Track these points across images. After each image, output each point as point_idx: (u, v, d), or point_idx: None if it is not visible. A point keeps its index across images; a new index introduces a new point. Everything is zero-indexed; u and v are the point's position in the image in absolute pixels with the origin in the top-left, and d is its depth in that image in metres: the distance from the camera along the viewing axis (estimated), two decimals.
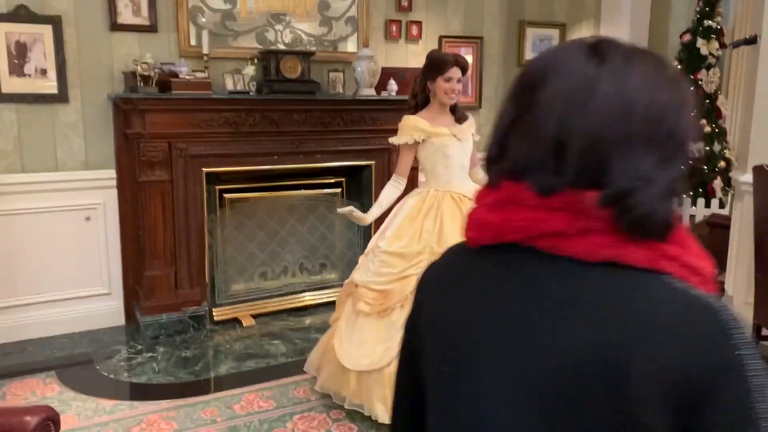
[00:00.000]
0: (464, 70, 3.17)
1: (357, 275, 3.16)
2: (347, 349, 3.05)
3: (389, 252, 3.07)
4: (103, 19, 3.96)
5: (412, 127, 3.15)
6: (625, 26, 6.12)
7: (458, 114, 3.28)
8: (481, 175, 3.45)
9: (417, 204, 3.16)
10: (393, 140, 3.24)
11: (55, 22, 3.82)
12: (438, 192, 3.16)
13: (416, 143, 3.16)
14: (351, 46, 4.73)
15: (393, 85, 4.59)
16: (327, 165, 4.53)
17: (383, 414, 2.91)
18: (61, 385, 3.43)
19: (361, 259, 3.33)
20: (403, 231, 3.10)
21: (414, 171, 3.44)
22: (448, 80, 3.11)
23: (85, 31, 3.92)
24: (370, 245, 3.33)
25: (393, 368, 2.83)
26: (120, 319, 4.25)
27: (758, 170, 3.68)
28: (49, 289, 4.03)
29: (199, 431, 2.99)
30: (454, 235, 2.98)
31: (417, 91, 3.26)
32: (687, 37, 5.76)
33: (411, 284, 2.96)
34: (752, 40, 4.01)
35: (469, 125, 3.27)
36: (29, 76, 3.82)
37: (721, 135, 5.79)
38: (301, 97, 4.27)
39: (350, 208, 3.17)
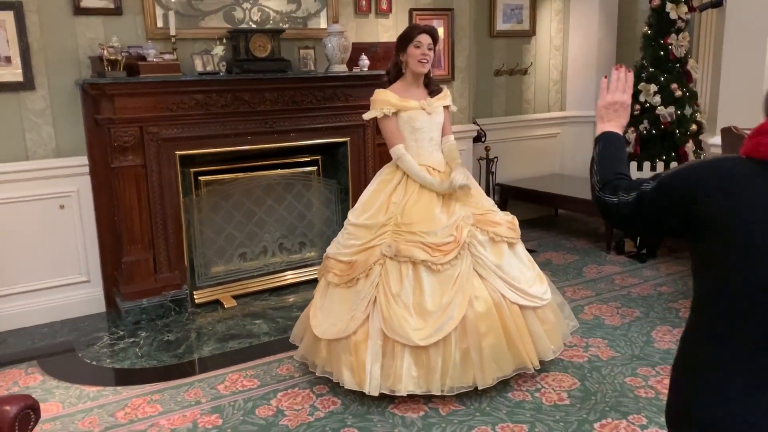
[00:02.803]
0: (434, 38, 3.20)
1: (330, 247, 3.23)
2: (320, 320, 3.13)
3: (356, 224, 3.15)
4: (65, 3, 3.89)
5: (381, 101, 3.19)
6: None
7: (431, 87, 3.30)
8: (452, 143, 3.40)
9: (387, 177, 3.23)
10: (365, 116, 3.29)
11: (16, 7, 3.75)
12: None
13: (385, 116, 3.18)
14: (321, 22, 4.69)
15: (365, 61, 4.56)
16: (302, 143, 4.52)
17: (350, 380, 2.97)
18: (43, 374, 3.43)
19: (340, 232, 3.38)
20: (371, 203, 3.17)
21: (384, 147, 3.44)
22: (418, 46, 3.16)
23: (47, 16, 3.85)
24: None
25: (358, 336, 2.93)
26: (101, 306, 4.24)
27: (726, 132, 3.75)
28: (26, 280, 4.01)
29: (184, 413, 3.02)
30: (418, 206, 3.03)
31: (390, 67, 3.30)
32: (656, 2, 5.75)
33: (374, 255, 3.02)
34: (718, 3, 4.05)
35: (441, 98, 3.30)
36: None
37: (692, 98, 5.83)
38: (272, 75, 4.24)
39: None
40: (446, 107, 3.35)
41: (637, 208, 1.38)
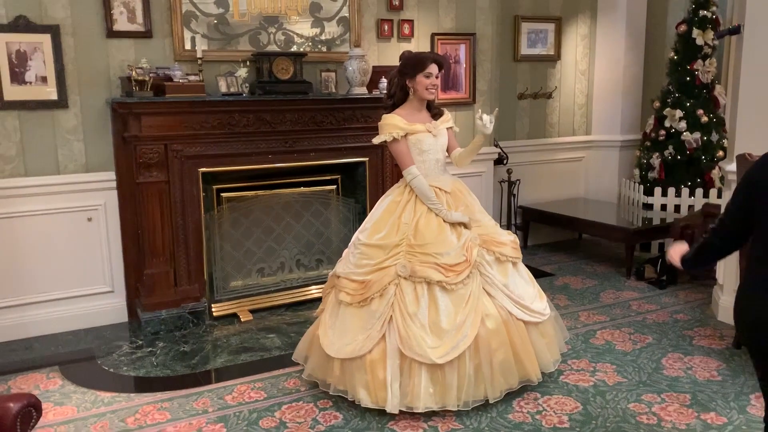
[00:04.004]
0: (441, 66, 3.29)
1: (339, 267, 3.31)
2: (331, 339, 3.19)
3: (368, 244, 3.22)
4: (99, 27, 4.10)
5: (390, 125, 3.29)
6: (622, 18, 6.17)
7: (434, 111, 3.39)
8: (459, 152, 3.50)
9: (396, 198, 3.32)
10: (375, 140, 3.39)
11: (54, 31, 3.98)
12: None
13: (395, 140, 3.27)
14: (343, 46, 4.82)
15: (384, 83, 4.66)
16: (321, 163, 4.64)
17: (366, 398, 3.05)
18: (63, 379, 3.58)
19: (345, 251, 3.45)
20: (382, 224, 3.25)
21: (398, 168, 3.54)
22: (428, 76, 3.26)
23: (82, 38, 4.07)
24: (353, 238, 3.44)
25: (374, 355, 2.99)
26: (123, 316, 4.40)
27: (741, 159, 3.72)
28: (54, 288, 4.20)
29: (191, 421, 3.12)
30: (430, 227, 3.11)
31: (395, 90, 3.38)
32: (682, 28, 5.77)
33: (389, 275, 3.09)
34: (735, 30, 4.04)
35: (444, 121, 3.40)
36: (30, 83, 3.98)
37: (719, 125, 5.78)
38: (293, 97, 4.38)
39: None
40: (449, 128, 3.45)
41: (722, 231, 2.12)
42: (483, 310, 3.08)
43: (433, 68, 3.27)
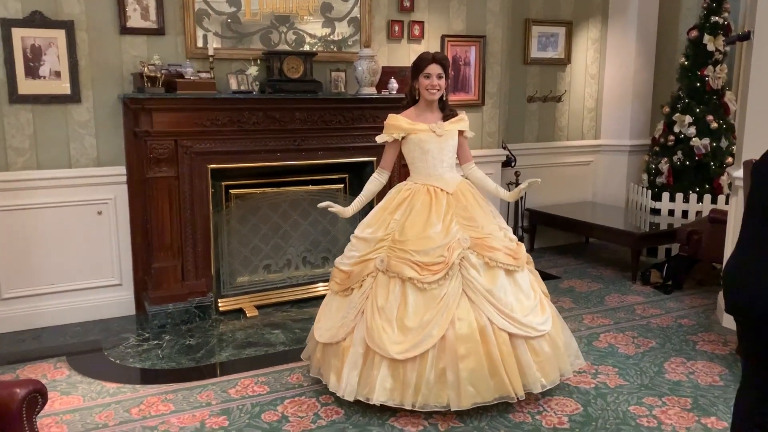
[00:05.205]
0: (444, 65, 3.30)
1: (337, 258, 3.44)
2: (320, 324, 3.33)
3: (358, 237, 3.33)
4: (113, 23, 4.16)
5: (392, 126, 3.35)
6: (633, 23, 6.17)
7: (446, 112, 3.39)
8: (479, 174, 3.50)
9: (393, 195, 3.38)
10: (377, 138, 3.44)
11: (68, 26, 4.04)
12: (416, 185, 3.33)
13: (395, 140, 3.33)
14: (354, 46, 4.86)
15: (394, 84, 4.71)
16: (329, 161, 4.68)
17: (334, 384, 3.14)
18: (70, 370, 3.63)
19: None
20: (374, 219, 3.33)
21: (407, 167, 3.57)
22: (427, 77, 3.28)
23: (96, 34, 4.13)
24: None
25: (347, 343, 3.10)
26: (130, 309, 4.45)
27: (748, 165, 3.71)
28: (63, 280, 4.26)
29: (194, 413, 3.16)
30: (415, 224, 3.16)
31: (407, 92, 3.48)
32: (694, 33, 5.76)
33: (369, 267, 3.18)
34: (745, 37, 4.04)
35: (455, 122, 3.37)
36: (44, 78, 4.04)
37: (729, 131, 5.77)
38: (302, 96, 4.42)
39: (327, 203, 3.38)
40: (461, 132, 3.39)
41: None
42: (456, 312, 3.00)
43: (432, 68, 3.26)
